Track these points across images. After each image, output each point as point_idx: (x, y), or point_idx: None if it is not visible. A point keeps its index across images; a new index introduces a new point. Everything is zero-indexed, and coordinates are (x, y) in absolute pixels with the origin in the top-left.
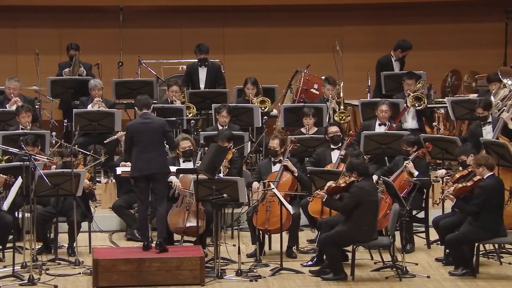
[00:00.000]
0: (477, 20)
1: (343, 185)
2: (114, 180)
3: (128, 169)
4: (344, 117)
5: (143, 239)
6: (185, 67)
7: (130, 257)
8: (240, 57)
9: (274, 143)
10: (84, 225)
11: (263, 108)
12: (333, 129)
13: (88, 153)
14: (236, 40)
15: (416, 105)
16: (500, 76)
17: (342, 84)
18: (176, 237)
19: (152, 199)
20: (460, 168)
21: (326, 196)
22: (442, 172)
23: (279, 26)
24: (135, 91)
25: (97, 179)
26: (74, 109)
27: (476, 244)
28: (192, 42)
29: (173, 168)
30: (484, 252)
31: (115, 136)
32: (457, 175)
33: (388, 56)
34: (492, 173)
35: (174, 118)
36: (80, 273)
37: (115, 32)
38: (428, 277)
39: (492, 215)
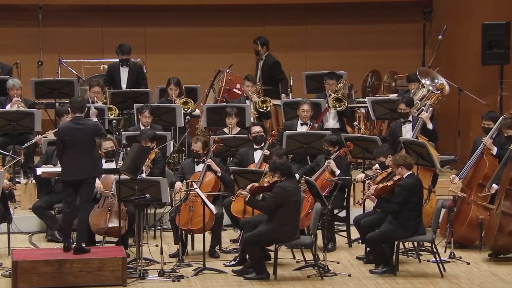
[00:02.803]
0: (395, 21)
1: (266, 184)
2: (34, 181)
3: (49, 169)
4: (266, 107)
5: (64, 240)
6: (106, 66)
7: (50, 259)
8: (161, 56)
9: (197, 147)
10: (3, 226)
11: (186, 109)
12: (256, 129)
13: (7, 153)
14: (157, 39)
15: (337, 106)
16: (418, 76)
17: (261, 89)
18: (98, 237)
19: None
20: (377, 167)
21: (249, 195)
22: (361, 176)
23: (201, 26)
24: (55, 90)
25: (17, 179)
26: None
27: (396, 242)
28: (113, 41)
29: None
30: (403, 250)
31: (34, 140)
32: (378, 178)
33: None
34: (411, 172)
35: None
36: None
37: (34, 31)
38: (349, 275)
39: (411, 214)
